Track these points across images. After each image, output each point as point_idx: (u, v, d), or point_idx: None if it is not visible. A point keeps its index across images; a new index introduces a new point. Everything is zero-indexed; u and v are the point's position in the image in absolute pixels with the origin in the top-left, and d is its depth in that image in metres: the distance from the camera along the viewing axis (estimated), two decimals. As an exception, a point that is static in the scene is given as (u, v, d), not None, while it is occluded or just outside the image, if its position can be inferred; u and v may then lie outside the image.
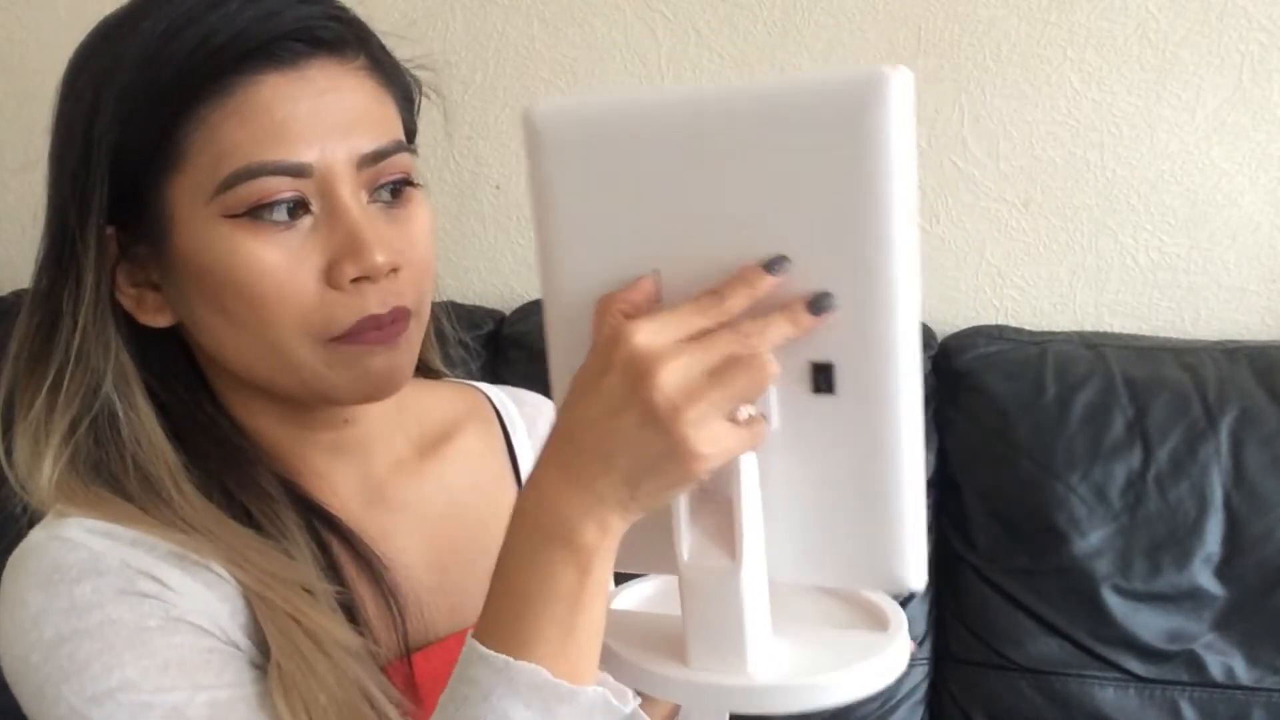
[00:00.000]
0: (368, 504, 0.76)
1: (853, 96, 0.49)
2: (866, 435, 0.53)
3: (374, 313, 0.65)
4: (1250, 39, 1.36)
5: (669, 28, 1.45)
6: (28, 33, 1.56)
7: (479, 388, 0.88)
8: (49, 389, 0.67)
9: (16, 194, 1.60)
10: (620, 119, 0.55)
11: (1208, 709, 1.27)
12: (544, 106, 0.56)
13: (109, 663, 0.61)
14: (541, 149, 0.57)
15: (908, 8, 1.41)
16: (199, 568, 0.65)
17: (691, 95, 0.54)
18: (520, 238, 1.55)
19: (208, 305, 0.66)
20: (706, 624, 0.56)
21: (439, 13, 1.47)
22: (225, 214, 0.64)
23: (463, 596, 0.77)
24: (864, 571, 0.55)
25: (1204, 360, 1.32)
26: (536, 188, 0.57)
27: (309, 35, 0.65)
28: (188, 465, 0.68)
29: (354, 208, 0.65)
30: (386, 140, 0.67)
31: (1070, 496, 1.27)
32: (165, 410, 0.70)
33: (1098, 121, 1.41)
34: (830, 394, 0.53)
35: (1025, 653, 1.31)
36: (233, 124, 0.63)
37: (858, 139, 0.49)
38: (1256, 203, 1.41)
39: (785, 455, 0.54)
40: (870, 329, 0.51)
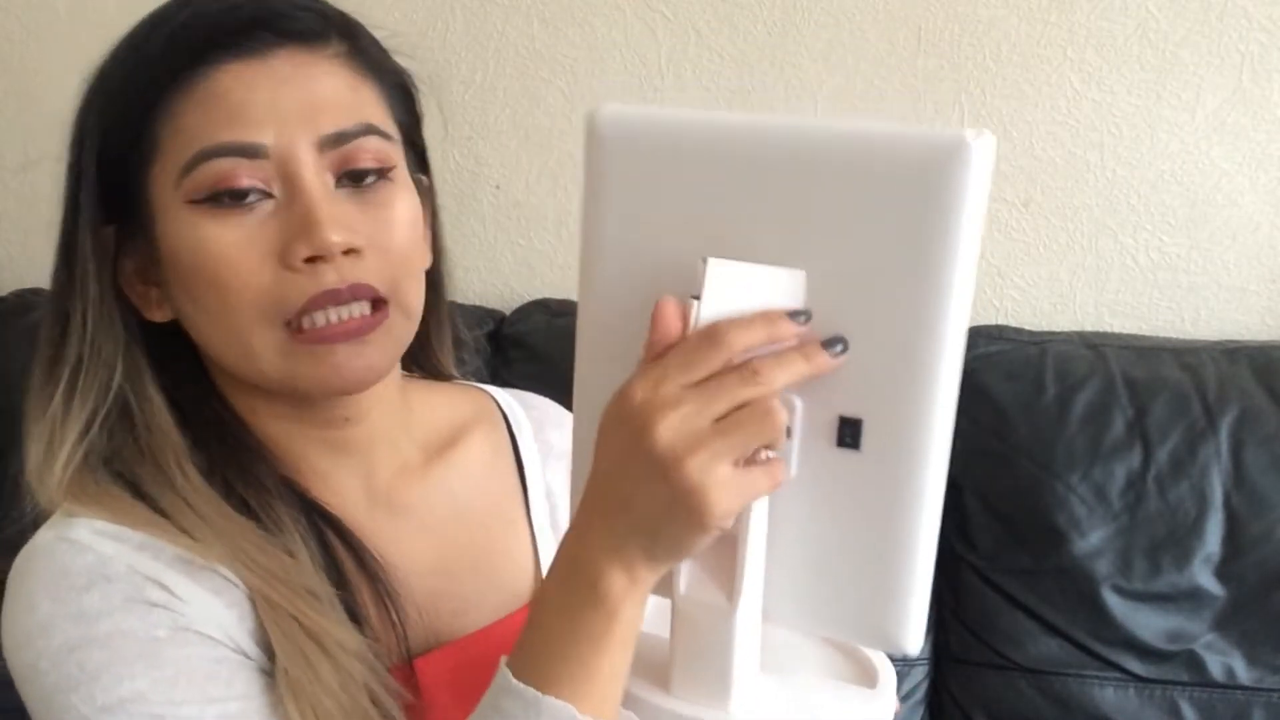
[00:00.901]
0: (371, 507, 0.75)
1: (934, 158, 0.47)
2: (886, 497, 0.52)
3: (329, 287, 0.64)
4: (1250, 39, 1.36)
5: (669, 28, 1.45)
6: (28, 33, 1.56)
7: (486, 390, 0.88)
8: (65, 387, 0.68)
9: (16, 194, 1.60)
10: (683, 135, 0.53)
11: (1208, 709, 1.27)
12: (609, 110, 0.55)
13: (119, 673, 0.61)
14: (601, 152, 0.56)
15: (908, 8, 1.40)
16: (206, 572, 0.65)
17: (758, 123, 0.52)
18: (520, 238, 1.55)
19: (184, 294, 0.67)
20: (694, 656, 0.55)
21: (439, 13, 1.47)
22: (188, 199, 0.65)
23: (466, 601, 0.77)
24: (863, 628, 0.54)
25: (1204, 360, 1.32)
26: (589, 189, 0.57)
27: (275, 26, 0.65)
28: (192, 451, 0.69)
29: (314, 189, 0.65)
30: (352, 123, 0.66)
31: (1070, 496, 1.27)
32: (174, 402, 0.70)
33: (1098, 121, 1.41)
34: (855, 450, 0.51)
35: (1025, 653, 1.31)
36: (195, 112, 0.64)
37: (933, 202, 0.48)
38: (1256, 203, 1.41)
39: (799, 503, 0.53)
40: (907, 392, 0.50)
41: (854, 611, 0.54)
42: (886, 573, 0.53)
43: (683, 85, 1.46)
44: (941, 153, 0.47)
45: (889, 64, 1.42)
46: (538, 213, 1.53)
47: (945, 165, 0.47)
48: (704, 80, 1.46)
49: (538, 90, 1.49)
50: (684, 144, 0.53)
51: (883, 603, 0.53)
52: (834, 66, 1.43)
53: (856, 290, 0.50)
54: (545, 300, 1.49)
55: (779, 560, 0.54)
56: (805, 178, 0.50)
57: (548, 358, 1.37)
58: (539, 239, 1.54)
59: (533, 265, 1.55)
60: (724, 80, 1.46)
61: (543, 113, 1.50)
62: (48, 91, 1.56)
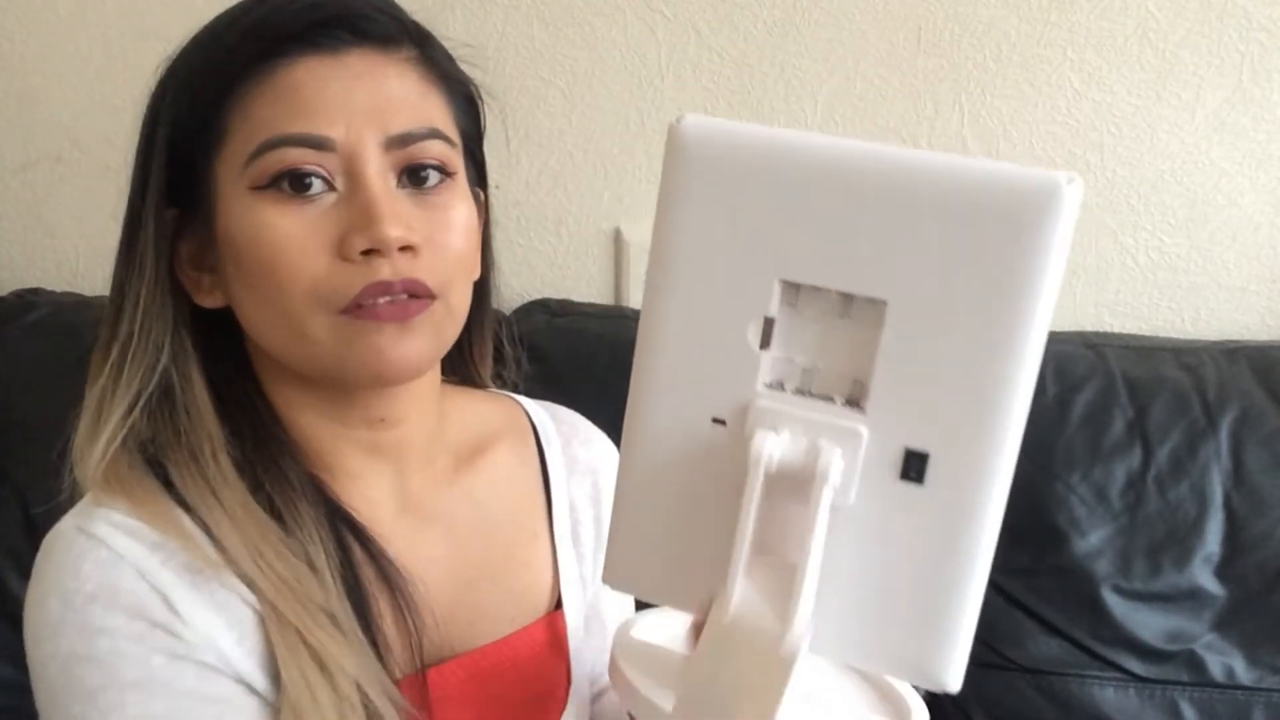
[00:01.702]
0: (398, 512, 0.76)
1: (1028, 199, 0.47)
2: (945, 533, 0.51)
3: (382, 279, 0.65)
4: (1250, 39, 1.36)
5: (669, 28, 1.45)
6: (28, 33, 1.56)
7: (518, 401, 0.88)
8: (113, 365, 0.70)
9: (16, 194, 1.60)
10: (768, 152, 0.52)
11: (1208, 709, 1.27)
12: (693, 121, 0.53)
13: (113, 700, 0.62)
14: (682, 163, 0.54)
15: (908, 8, 1.40)
16: (213, 584, 0.66)
17: (848, 147, 0.51)
18: (520, 238, 1.55)
19: (240, 279, 0.68)
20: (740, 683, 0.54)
21: (439, 13, 1.47)
22: (252, 185, 0.66)
23: (482, 612, 0.77)
24: (905, 663, 0.53)
25: (1204, 360, 1.32)
26: (665, 199, 0.54)
27: (353, 25, 0.67)
28: (229, 441, 0.70)
29: (376, 184, 0.66)
30: (419, 125, 0.68)
31: (1070, 496, 1.27)
32: (216, 390, 0.72)
33: (1098, 121, 1.41)
34: (918, 484, 0.51)
35: (1025, 653, 1.31)
36: (266, 101, 0.66)
37: (1022, 242, 0.47)
38: (1256, 203, 1.41)
39: (853, 532, 0.53)
40: (977, 430, 0.50)
41: (899, 645, 0.53)
42: (936, 609, 0.52)
43: (683, 85, 1.47)
44: (1036, 195, 0.47)
45: (889, 64, 1.42)
46: (538, 213, 1.53)
47: (1038, 208, 0.47)
48: (704, 80, 1.46)
49: (538, 90, 1.49)
50: (768, 162, 0.52)
51: (929, 638, 0.52)
52: (834, 66, 1.43)
53: (936, 324, 0.50)
54: (545, 300, 1.49)
55: (828, 587, 0.54)
56: (894, 207, 0.50)
57: (548, 358, 1.37)
58: (539, 239, 1.54)
59: (533, 265, 1.55)
60: (724, 80, 1.46)
61: (543, 113, 1.50)
62: (48, 91, 1.56)
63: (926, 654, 0.53)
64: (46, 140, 1.58)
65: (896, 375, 0.51)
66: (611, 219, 1.52)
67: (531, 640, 0.79)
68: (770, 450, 0.51)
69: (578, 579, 0.83)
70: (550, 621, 0.81)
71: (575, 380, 1.34)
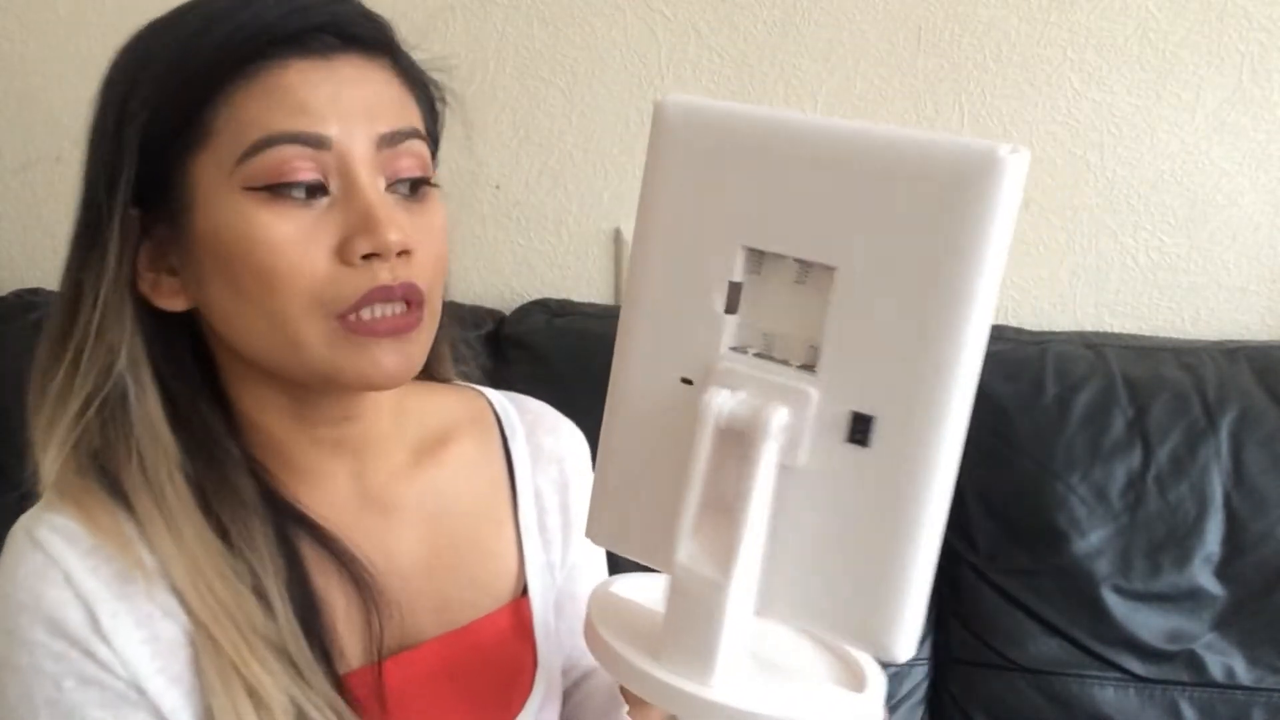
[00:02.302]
0: (361, 506, 0.76)
1: (967, 168, 0.49)
2: (889, 498, 0.52)
3: (383, 283, 0.66)
4: (1250, 39, 1.36)
5: (669, 28, 1.45)
6: (28, 33, 1.56)
7: (482, 392, 0.89)
8: (68, 365, 0.69)
9: (16, 194, 1.60)
10: (739, 127, 0.55)
11: (1208, 709, 1.27)
12: (675, 99, 0.56)
13: (24, 715, 0.65)
14: (663, 139, 0.57)
15: (908, 8, 1.40)
16: (140, 597, 0.67)
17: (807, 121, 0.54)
18: (520, 237, 1.55)
19: (221, 281, 0.67)
20: (685, 628, 0.56)
21: (439, 13, 1.47)
22: (245, 186, 0.65)
23: (446, 600, 0.78)
24: (855, 629, 0.54)
25: (1204, 360, 1.32)
26: (650, 175, 0.57)
27: (339, 30, 0.68)
28: (183, 457, 0.70)
29: (370, 188, 0.67)
30: (404, 124, 0.69)
31: (1070, 496, 1.27)
32: (170, 398, 0.71)
33: (1098, 121, 1.41)
34: (864, 447, 0.52)
35: (1025, 653, 1.31)
36: (257, 101, 0.66)
37: (962, 211, 0.49)
38: (1256, 203, 1.41)
39: (806, 493, 0.54)
40: (921, 395, 0.51)
41: (847, 611, 0.54)
42: (882, 575, 0.53)
43: (683, 85, 1.46)
44: (974, 164, 0.49)
45: (889, 64, 1.42)
46: (538, 213, 1.53)
47: (977, 176, 0.48)
48: (704, 80, 1.46)
49: (538, 90, 1.49)
50: (739, 136, 0.54)
51: (876, 605, 0.53)
52: (834, 66, 1.43)
53: (883, 290, 0.51)
54: (545, 300, 1.49)
55: (781, 548, 0.55)
56: (843, 177, 0.52)
57: (548, 358, 1.37)
58: (539, 239, 1.54)
59: (533, 265, 1.55)
60: (724, 80, 1.46)
61: (543, 113, 1.50)
62: (48, 91, 1.56)
63: (874, 620, 0.53)
64: (46, 140, 1.58)
65: (846, 340, 0.52)
66: (611, 219, 1.52)
67: (496, 627, 0.80)
68: (720, 405, 0.53)
69: (544, 566, 0.84)
70: (516, 608, 0.82)
71: (575, 380, 1.33)
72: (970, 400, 0.51)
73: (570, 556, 0.86)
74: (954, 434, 0.51)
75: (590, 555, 0.88)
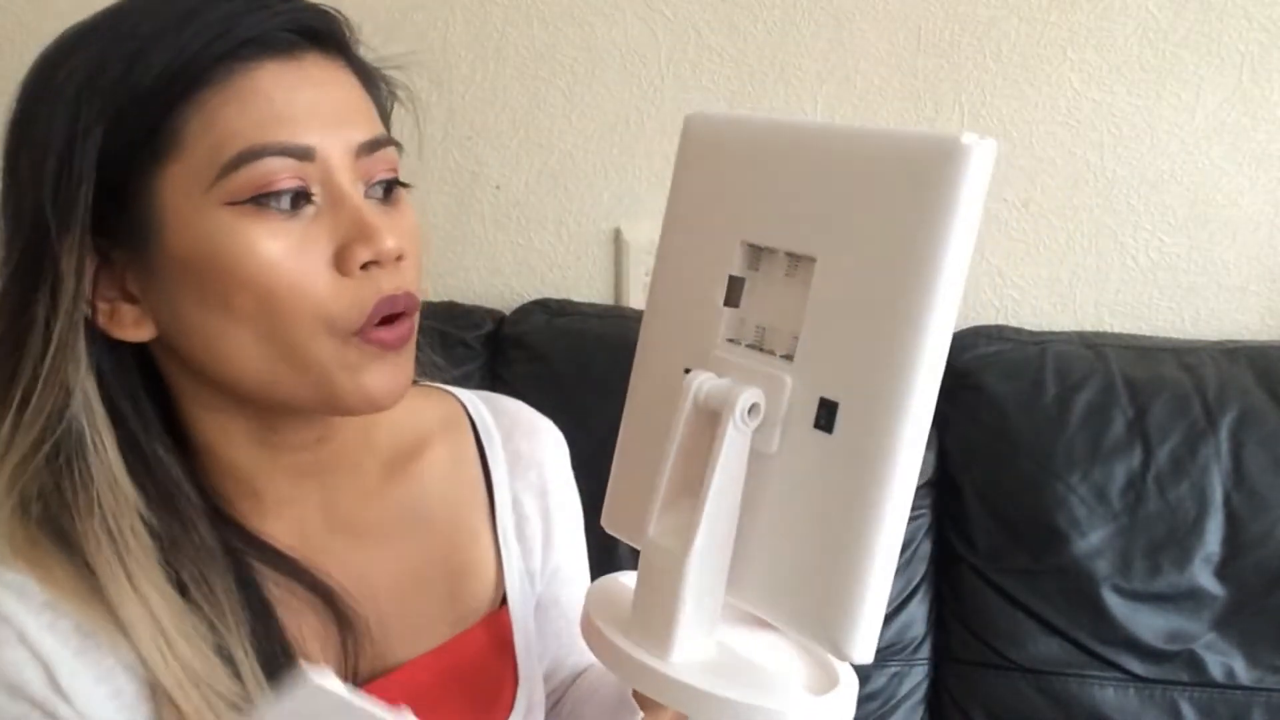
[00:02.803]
0: (329, 532, 0.74)
1: (931, 157, 0.50)
2: (849, 488, 0.52)
3: (387, 293, 0.64)
4: (1250, 39, 1.36)
5: (669, 28, 1.45)
6: (28, 33, 1.56)
7: (454, 394, 0.85)
8: (16, 408, 0.64)
9: (16, 194, 1.60)
10: (748, 135, 0.58)
11: (1208, 709, 1.27)
12: (700, 116, 0.60)
13: None
14: (688, 150, 0.60)
15: (908, 8, 1.40)
16: (98, 651, 0.64)
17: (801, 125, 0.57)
18: (520, 237, 1.55)
19: (206, 306, 0.63)
20: (649, 602, 0.57)
21: (439, 13, 1.47)
22: (227, 201, 0.62)
23: (422, 618, 0.76)
24: (813, 624, 0.54)
25: (1204, 360, 1.32)
26: (677, 186, 0.60)
27: (302, 27, 0.65)
28: (140, 503, 0.66)
29: (355, 195, 0.65)
30: (376, 132, 0.67)
31: (1070, 496, 1.27)
32: (128, 443, 0.67)
33: (1098, 121, 1.41)
34: (828, 433, 0.53)
35: (1025, 653, 1.31)
36: (232, 109, 0.62)
37: (926, 199, 0.50)
38: (1256, 203, 1.41)
39: (777, 480, 0.55)
40: (882, 382, 0.51)
41: (807, 604, 0.54)
42: (841, 570, 0.52)
43: (683, 85, 1.47)
44: (938, 153, 0.50)
45: (889, 64, 1.42)
46: (538, 213, 1.53)
47: (941, 165, 0.49)
48: (704, 80, 1.46)
49: (538, 90, 1.49)
50: (752, 144, 0.57)
51: (834, 602, 0.53)
52: (834, 66, 1.43)
53: (855, 279, 0.52)
54: (545, 300, 1.49)
55: (752, 536, 0.56)
56: (824, 171, 0.54)
57: (548, 358, 1.37)
58: (539, 239, 1.54)
59: (533, 265, 1.55)
60: (724, 80, 1.46)
61: (543, 113, 1.50)
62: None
63: (831, 616, 0.53)
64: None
65: (821, 329, 0.54)
66: (611, 219, 1.52)
67: (475, 643, 0.78)
68: (699, 385, 0.55)
69: (523, 574, 0.82)
70: (493, 621, 0.80)
71: (575, 380, 1.33)
72: (934, 390, 0.51)
73: (552, 562, 0.84)
74: (915, 421, 0.51)
75: (573, 558, 0.86)
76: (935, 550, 1.36)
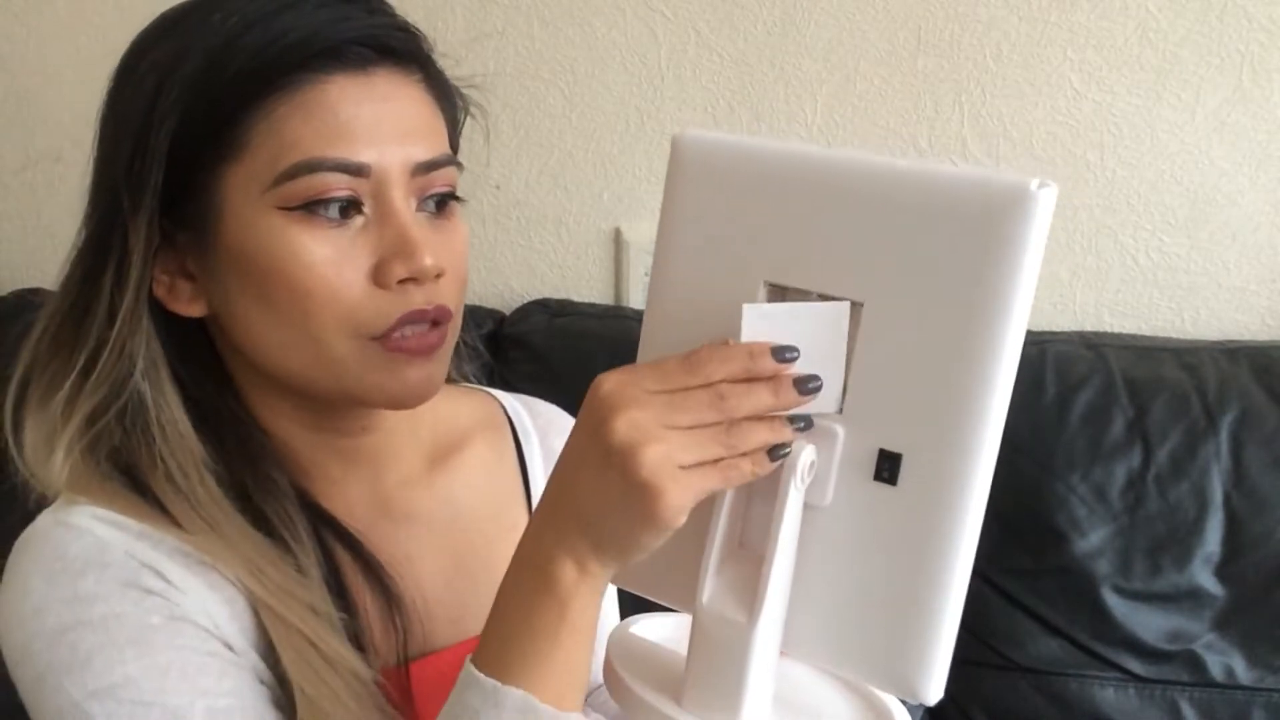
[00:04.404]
0: (376, 514, 0.76)
1: (998, 205, 0.48)
2: (919, 538, 0.51)
3: (418, 307, 0.66)
4: (1250, 39, 1.36)
5: (669, 28, 1.45)
6: (28, 32, 1.56)
7: (493, 395, 0.88)
8: (78, 373, 0.68)
9: (16, 194, 1.60)
10: (757, 162, 0.55)
11: (1208, 709, 1.27)
12: (692, 135, 0.57)
13: (111, 658, 0.61)
14: (681, 175, 0.57)
15: (908, 8, 1.40)
16: (204, 567, 0.65)
17: (830, 156, 0.54)
18: (520, 238, 1.55)
19: (250, 296, 0.66)
20: (709, 671, 0.55)
21: (439, 13, 1.47)
22: (280, 205, 0.65)
23: (464, 608, 0.77)
24: (883, 671, 0.53)
25: (1204, 360, 1.32)
26: (667, 209, 0.58)
27: (377, 43, 0.67)
28: (212, 458, 0.69)
29: (405, 211, 0.66)
30: (439, 152, 0.69)
31: (1070, 496, 1.27)
32: (192, 401, 0.70)
33: (1098, 121, 1.41)
34: (891, 485, 0.51)
35: (1025, 653, 1.31)
36: (297, 119, 0.64)
37: (994, 248, 0.48)
38: (1256, 203, 1.41)
39: (832, 533, 0.53)
40: (952, 433, 0.50)
41: (875, 652, 0.53)
42: (912, 617, 0.52)
43: (683, 85, 1.47)
44: (1006, 201, 0.48)
45: (889, 64, 1.42)
46: (538, 213, 1.53)
47: (1008, 213, 0.48)
48: (704, 80, 1.46)
49: (538, 90, 1.49)
50: (757, 172, 0.54)
51: (906, 647, 0.52)
52: (834, 66, 1.43)
53: (911, 327, 0.51)
54: (545, 300, 1.49)
55: (806, 590, 0.54)
56: (871, 213, 0.51)
57: (548, 358, 1.37)
58: (539, 239, 1.54)
59: (533, 265, 1.55)
60: (724, 80, 1.46)
61: (543, 113, 1.50)
62: (47, 91, 1.56)
63: (903, 663, 0.52)
64: (46, 140, 1.58)
65: (872, 377, 0.52)
66: (611, 219, 1.52)
67: None
68: None
69: None
70: None
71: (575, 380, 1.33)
72: (999, 437, 0.51)
73: None
74: (984, 472, 0.51)
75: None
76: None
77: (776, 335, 0.52)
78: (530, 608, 0.56)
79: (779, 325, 0.52)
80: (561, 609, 0.55)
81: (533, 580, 0.56)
